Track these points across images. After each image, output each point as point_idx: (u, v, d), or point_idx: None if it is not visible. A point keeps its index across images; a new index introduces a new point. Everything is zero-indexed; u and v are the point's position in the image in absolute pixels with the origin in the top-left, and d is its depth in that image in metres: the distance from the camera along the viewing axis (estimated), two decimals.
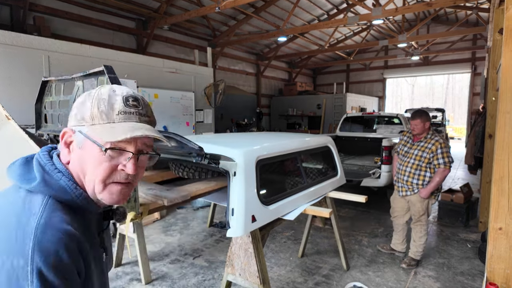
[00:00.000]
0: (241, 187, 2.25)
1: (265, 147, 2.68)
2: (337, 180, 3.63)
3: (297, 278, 3.46)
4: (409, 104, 28.22)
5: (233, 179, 2.28)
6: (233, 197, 2.26)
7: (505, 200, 1.90)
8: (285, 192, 2.77)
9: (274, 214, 2.54)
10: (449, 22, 14.83)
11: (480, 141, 5.12)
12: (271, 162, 2.67)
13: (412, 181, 3.61)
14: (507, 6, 1.86)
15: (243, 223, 2.22)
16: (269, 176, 2.77)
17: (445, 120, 12.77)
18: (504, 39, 1.89)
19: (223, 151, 2.37)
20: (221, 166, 2.31)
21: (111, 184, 0.81)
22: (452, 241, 4.43)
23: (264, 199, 2.45)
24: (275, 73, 16.37)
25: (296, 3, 10.20)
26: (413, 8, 9.13)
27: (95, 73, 2.06)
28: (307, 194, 2.98)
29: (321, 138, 3.71)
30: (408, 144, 3.70)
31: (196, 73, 7.98)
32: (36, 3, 7.14)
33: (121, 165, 0.81)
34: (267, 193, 2.54)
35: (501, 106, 1.89)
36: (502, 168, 1.89)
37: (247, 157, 2.34)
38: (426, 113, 3.54)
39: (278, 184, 2.99)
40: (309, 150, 3.37)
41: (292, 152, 2.99)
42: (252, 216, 2.29)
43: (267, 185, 2.61)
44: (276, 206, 2.54)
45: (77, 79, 2.21)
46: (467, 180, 7.56)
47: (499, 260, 1.95)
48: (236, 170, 2.27)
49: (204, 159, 2.18)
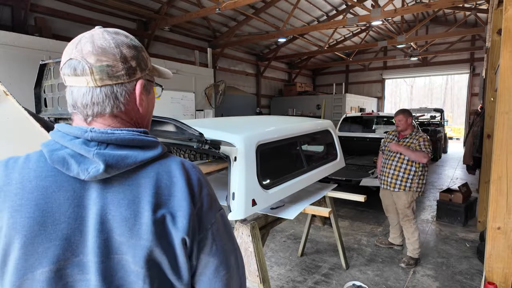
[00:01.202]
0: (242, 172, 2.28)
1: (266, 132, 2.70)
2: (337, 163, 3.66)
3: (296, 277, 3.48)
4: (408, 105, 28.28)
5: (234, 164, 2.30)
6: (233, 181, 2.29)
7: (504, 199, 1.92)
8: (285, 176, 2.80)
9: (274, 198, 2.58)
10: (448, 23, 14.87)
11: (478, 141, 5.15)
12: (271, 146, 2.70)
13: (398, 174, 3.73)
14: (505, 7, 1.89)
15: (244, 207, 2.26)
16: (269, 161, 2.79)
17: (444, 121, 12.81)
18: (502, 40, 1.91)
19: (223, 136, 2.38)
20: (222, 152, 2.33)
21: None
22: (451, 241, 4.45)
23: (264, 184, 2.48)
24: (275, 73, 16.39)
25: (296, 5, 10.22)
26: (412, 9, 9.16)
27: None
28: (307, 178, 3.02)
29: (322, 122, 3.74)
30: (393, 142, 3.86)
31: (196, 74, 8.00)
32: (37, 4, 7.15)
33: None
34: (267, 177, 2.57)
35: (500, 107, 1.91)
36: (501, 168, 1.92)
37: (248, 142, 2.37)
38: (408, 110, 3.85)
39: (278, 168, 3.01)
40: (309, 134, 3.40)
41: (293, 136, 3.01)
42: (253, 200, 2.33)
43: (267, 169, 2.63)
44: (276, 190, 2.58)
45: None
46: (466, 180, 7.59)
47: (497, 259, 1.97)
48: (237, 155, 2.30)
49: (204, 145, 2.20)
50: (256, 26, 11.79)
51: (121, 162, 0.71)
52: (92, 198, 0.71)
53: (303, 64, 17.08)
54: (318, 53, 14.63)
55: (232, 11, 10.23)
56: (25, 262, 0.68)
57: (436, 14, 13.71)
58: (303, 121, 3.62)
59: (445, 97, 30.37)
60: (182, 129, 2.15)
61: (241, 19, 11.12)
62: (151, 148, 0.76)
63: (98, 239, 0.70)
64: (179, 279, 0.76)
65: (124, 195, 0.72)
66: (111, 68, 0.73)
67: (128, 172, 0.74)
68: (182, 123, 2.14)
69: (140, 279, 0.72)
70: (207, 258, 0.80)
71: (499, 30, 3.93)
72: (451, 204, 5.13)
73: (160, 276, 0.74)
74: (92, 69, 0.72)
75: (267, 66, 14.96)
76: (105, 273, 0.71)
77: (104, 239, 0.71)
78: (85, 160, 0.70)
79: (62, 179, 0.71)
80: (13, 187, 0.70)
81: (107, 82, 0.74)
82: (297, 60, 16.99)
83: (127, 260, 0.72)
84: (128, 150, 0.73)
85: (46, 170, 0.71)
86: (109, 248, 0.71)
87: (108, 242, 0.71)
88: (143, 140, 0.75)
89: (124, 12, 8.76)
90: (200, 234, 0.78)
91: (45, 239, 0.68)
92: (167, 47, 10.51)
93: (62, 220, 0.69)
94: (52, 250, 0.68)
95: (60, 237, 0.69)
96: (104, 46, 0.73)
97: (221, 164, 2.97)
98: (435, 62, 16.47)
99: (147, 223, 0.71)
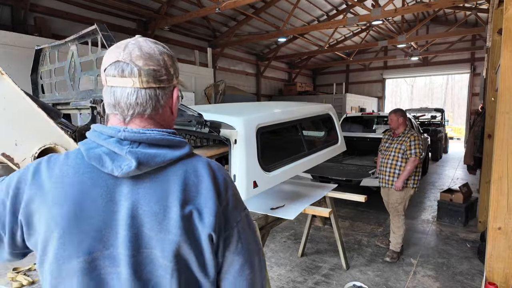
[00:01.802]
0: (242, 154, 2.29)
1: (266, 115, 2.70)
2: (338, 147, 3.67)
3: (297, 277, 3.47)
4: (408, 105, 28.26)
5: (234, 147, 2.31)
6: (234, 164, 2.30)
7: (504, 200, 1.92)
8: (286, 159, 2.81)
9: (276, 180, 2.59)
10: (448, 22, 14.85)
11: (479, 141, 5.14)
12: (272, 129, 2.71)
13: (394, 171, 3.89)
14: (506, 7, 1.88)
15: (245, 189, 2.27)
16: (270, 144, 2.80)
17: (444, 120, 12.80)
18: (503, 39, 1.90)
19: (223, 119, 2.38)
20: (222, 134, 2.33)
21: None
22: (452, 241, 4.44)
23: (265, 166, 2.49)
24: (275, 73, 16.38)
25: (296, 4, 10.22)
26: (413, 8, 9.15)
27: (88, 34, 1.98)
28: (308, 161, 3.03)
29: (322, 106, 3.74)
30: (389, 141, 4.05)
31: (196, 74, 7.99)
32: (37, 3, 7.15)
33: None
34: (268, 160, 2.57)
35: (500, 107, 1.91)
36: (501, 168, 1.91)
37: (248, 125, 2.37)
38: (401, 110, 4.04)
39: (279, 151, 3.02)
40: (310, 117, 3.40)
41: (293, 120, 3.02)
42: (254, 182, 2.34)
43: (268, 152, 2.64)
44: (277, 172, 2.60)
45: (71, 43, 2.14)
46: (466, 180, 7.57)
47: (498, 259, 1.96)
48: (237, 138, 2.30)
49: (204, 126, 2.18)
50: (256, 25, 11.78)
51: (151, 160, 0.75)
52: (124, 193, 0.76)
53: (303, 64, 17.08)
54: (318, 53, 14.63)
55: (232, 11, 10.22)
56: (63, 251, 0.73)
57: (436, 14, 13.70)
58: (304, 105, 3.63)
59: (445, 97, 30.37)
60: (181, 110, 2.11)
61: (241, 18, 11.11)
62: (179, 147, 0.81)
63: (129, 233, 0.74)
64: (206, 275, 0.79)
65: (154, 190, 0.77)
66: (156, 72, 0.79)
67: (158, 170, 0.78)
68: (182, 105, 2.09)
69: (168, 273, 0.75)
70: (232, 256, 0.83)
71: (500, 30, 3.92)
72: (452, 204, 5.12)
73: (187, 271, 0.78)
74: (140, 71, 0.77)
75: (267, 66, 14.95)
76: (135, 267, 0.75)
77: (134, 233, 0.75)
78: (119, 158, 0.75)
79: (97, 175, 0.76)
80: (54, 182, 0.76)
81: (152, 85, 0.79)
82: (297, 60, 16.98)
83: (156, 254, 0.76)
84: (158, 149, 0.77)
85: (83, 167, 0.77)
86: (139, 242, 0.75)
87: (138, 236, 0.75)
88: (172, 140, 0.80)
89: (124, 12, 8.75)
90: (226, 232, 0.81)
91: (80, 231, 0.74)
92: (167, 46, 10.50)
93: (96, 213, 0.74)
94: (86, 242, 0.74)
95: (94, 230, 0.74)
96: (150, 52, 0.79)
97: (222, 148, 2.97)
98: (436, 62, 16.45)
99: (176, 218, 0.75)
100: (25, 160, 1.40)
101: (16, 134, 1.38)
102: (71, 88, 2.16)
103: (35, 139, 1.43)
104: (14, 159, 1.38)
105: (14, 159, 1.37)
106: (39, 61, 2.52)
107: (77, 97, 2.11)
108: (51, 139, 1.46)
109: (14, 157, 1.37)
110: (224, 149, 3.13)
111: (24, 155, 1.40)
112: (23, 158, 1.40)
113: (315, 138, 3.56)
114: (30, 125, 1.43)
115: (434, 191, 7.15)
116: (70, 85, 2.17)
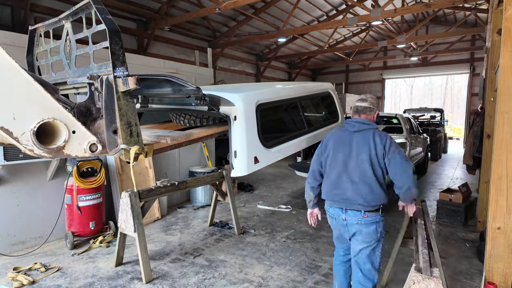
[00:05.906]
0: (242, 131, 2.32)
1: (265, 91, 2.73)
2: (338, 125, 3.69)
3: (296, 277, 3.48)
4: (408, 105, 28.28)
5: (234, 123, 2.33)
6: (234, 140, 2.33)
7: (504, 199, 1.92)
8: (287, 136, 2.85)
9: (277, 156, 2.64)
10: (448, 23, 14.87)
11: (478, 141, 5.15)
12: (272, 106, 2.73)
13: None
14: (505, 7, 1.88)
15: (246, 164, 2.32)
16: (270, 121, 2.83)
17: (444, 120, 12.82)
18: (502, 39, 1.91)
19: (222, 95, 2.40)
20: (221, 112, 2.33)
21: None
22: (451, 241, 4.45)
23: (266, 142, 2.52)
24: (275, 73, 16.39)
25: (296, 4, 10.23)
26: (412, 9, 9.17)
27: (82, 8, 1.90)
28: (308, 138, 3.05)
29: (322, 84, 3.76)
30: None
31: (196, 74, 7.98)
32: (37, 3, 7.16)
33: None
34: (269, 136, 2.61)
35: (500, 107, 1.91)
36: (501, 168, 1.91)
37: (247, 101, 2.39)
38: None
39: (279, 128, 3.04)
40: (309, 95, 3.41)
41: (293, 97, 3.03)
42: (255, 157, 2.37)
43: (269, 129, 2.67)
44: (278, 148, 2.64)
45: (65, 20, 2.07)
46: (466, 179, 7.59)
47: (497, 259, 1.97)
48: (236, 114, 2.32)
49: (202, 101, 2.18)
50: (256, 26, 11.79)
51: (361, 127, 2.54)
52: (354, 137, 2.53)
53: (303, 64, 17.08)
54: (318, 53, 14.64)
55: (232, 11, 10.23)
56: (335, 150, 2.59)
57: (436, 14, 13.72)
58: (304, 83, 3.66)
59: (445, 97, 30.39)
60: (179, 85, 2.08)
61: (241, 19, 11.12)
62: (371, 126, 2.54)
63: (355, 148, 2.50)
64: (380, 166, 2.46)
65: (363, 136, 2.50)
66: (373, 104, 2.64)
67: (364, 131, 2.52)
68: (178, 79, 2.06)
69: (367, 164, 2.45)
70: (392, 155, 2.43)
71: (499, 30, 3.93)
72: (451, 204, 5.13)
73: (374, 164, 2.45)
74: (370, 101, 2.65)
75: (267, 66, 14.96)
76: (357, 160, 2.48)
77: (357, 148, 2.49)
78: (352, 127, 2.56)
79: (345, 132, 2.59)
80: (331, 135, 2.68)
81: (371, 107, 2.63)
82: (297, 60, 16.99)
83: (363, 156, 2.46)
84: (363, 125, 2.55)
85: (341, 130, 2.63)
86: (358, 151, 2.48)
87: (358, 149, 2.48)
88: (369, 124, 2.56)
89: (124, 12, 8.75)
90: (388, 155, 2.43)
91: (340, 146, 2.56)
92: (167, 47, 10.51)
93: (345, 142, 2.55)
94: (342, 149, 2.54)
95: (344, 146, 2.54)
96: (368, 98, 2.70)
97: (222, 127, 2.99)
98: (435, 62, 16.47)
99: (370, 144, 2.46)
100: (24, 134, 1.38)
101: (13, 107, 1.36)
102: (67, 67, 2.09)
103: (34, 113, 1.41)
104: (13, 133, 1.36)
105: (13, 133, 1.36)
106: (34, 42, 2.44)
107: (73, 75, 2.03)
108: (49, 113, 1.44)
109: (12, 131, 1.36)
110: (224, 128, 3.15)
111: (22, 129, 1.38)
112: (22, 132, 1.38)
113: (315, 116, 3.58)
114: (27, 99, 1.40)
115: (433, 191, 7.16)
116: (66, 64, 2.10)
